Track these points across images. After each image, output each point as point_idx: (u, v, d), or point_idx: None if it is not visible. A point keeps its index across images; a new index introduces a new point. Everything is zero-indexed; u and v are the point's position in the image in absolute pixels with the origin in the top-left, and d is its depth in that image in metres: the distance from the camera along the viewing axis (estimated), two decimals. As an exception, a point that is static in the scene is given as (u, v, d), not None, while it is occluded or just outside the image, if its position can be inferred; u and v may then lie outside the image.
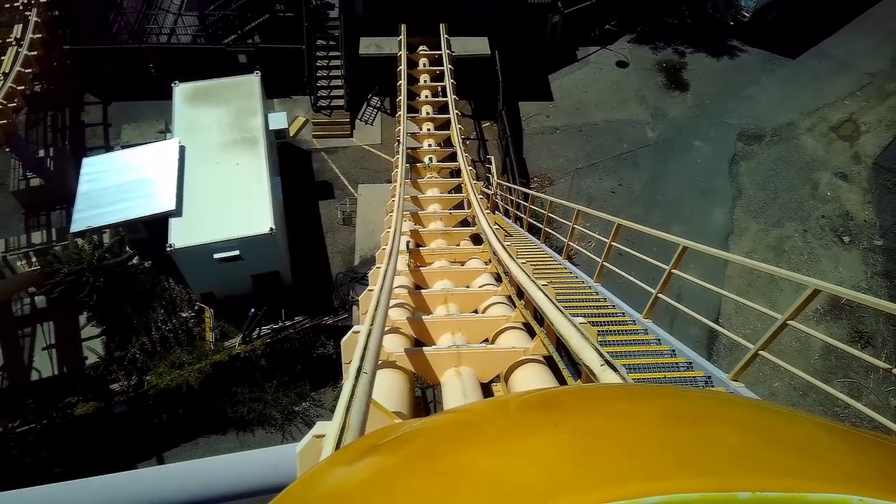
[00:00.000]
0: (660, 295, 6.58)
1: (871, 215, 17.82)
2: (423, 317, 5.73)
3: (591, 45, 22.23)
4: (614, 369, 2.77)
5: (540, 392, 1.11)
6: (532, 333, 5.19)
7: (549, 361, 4.92)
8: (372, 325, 3.47)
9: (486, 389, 5.35)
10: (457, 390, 4.44)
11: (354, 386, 2.64)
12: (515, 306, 5.88)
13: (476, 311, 6.56)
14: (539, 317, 4.91)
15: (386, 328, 4.81)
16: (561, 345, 4.48)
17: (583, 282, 8.40)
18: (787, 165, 18.99)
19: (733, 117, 20.27)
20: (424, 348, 4.82)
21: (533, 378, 4.53)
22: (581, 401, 1.03)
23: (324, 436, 2.27)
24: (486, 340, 5.65)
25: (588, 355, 3.01)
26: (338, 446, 2.17)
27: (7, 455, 11.72)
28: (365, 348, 3.04)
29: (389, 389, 4.31)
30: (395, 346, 5.11)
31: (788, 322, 4.67)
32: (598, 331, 5.69)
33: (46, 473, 12.13)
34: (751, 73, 21.56)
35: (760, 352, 5.03)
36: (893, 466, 0.74)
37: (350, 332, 3.89)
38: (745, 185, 18.61)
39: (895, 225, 17.27)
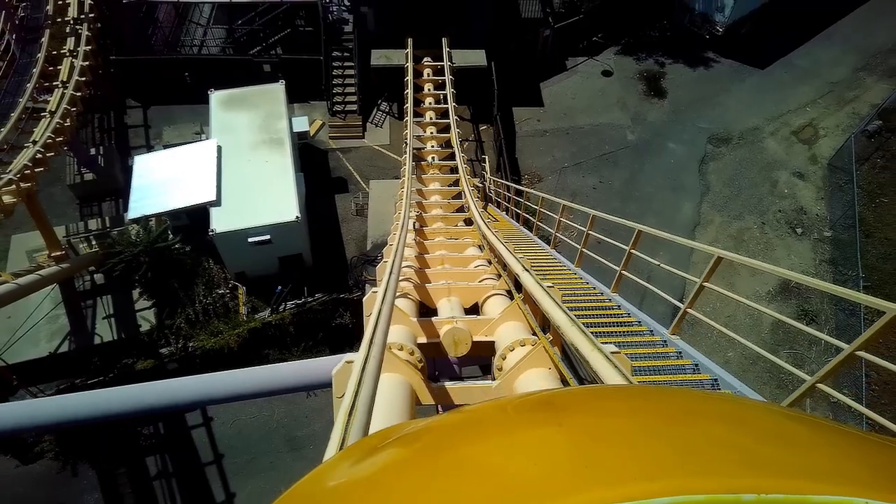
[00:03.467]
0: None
1: (822, 210, 20.15)
2: (426, 270, 8.12)
3: (580, 56, 24.57)
4: (528, 272, 5.13)
5: (545, 392, 1.15)
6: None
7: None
8: (394, 257, 5.85)
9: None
10: (447, 309, 6.81)
11: (388, 279, 5.00)
12: (491, 264, 8.26)
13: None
14: (506, 267, 7.25)
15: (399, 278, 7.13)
16: (517, 283, 6.83)
17: (546, 251, 10.85)
18: (750, 165, 21.32)
19: (705, 122, 22.60)
20: (426, 284, 7.21)
21: (497, 303, 6.89)
22: (586, 401, 1.06)
23: (376, 291, 4.61)
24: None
25: (515, 266, 5.39)
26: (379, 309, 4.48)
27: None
28: (391, 266, 5.41)
29: (404, 306, 6.68)
30: (406, 285, 7.50)
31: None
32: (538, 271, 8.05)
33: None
34: (723, 82, 23.88)
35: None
36: None
37: (381, 262, 6.28)
38: (713, 182, 20.95)
39: (843, 217, 19.57)
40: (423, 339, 5.97)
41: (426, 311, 7.33)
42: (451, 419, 1.11)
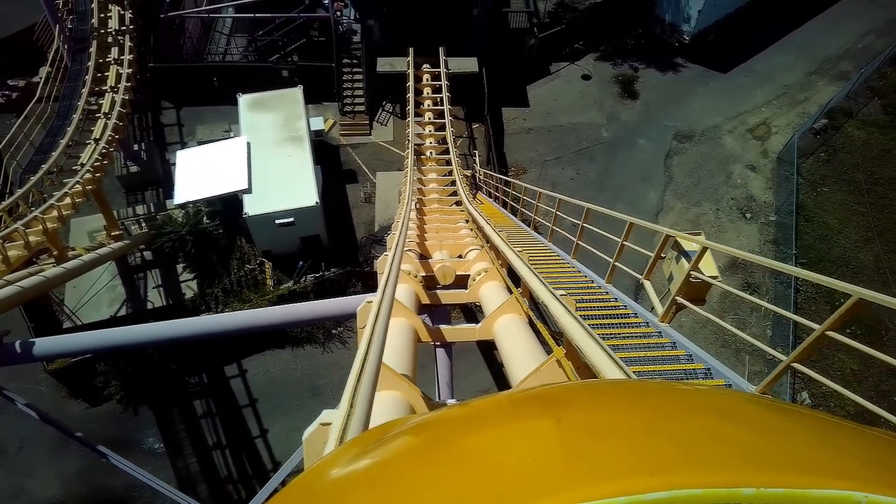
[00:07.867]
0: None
1: (769, 198, 23.18)
2: (425, 234, 11.15)
3: (562, 61, 27.49)
4: (488, 224, 8.14)
5: (544, 387, 1.16)
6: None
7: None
8: (404, 219, 8.86)
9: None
10: (439, 256, 9.84)
11: (400, 234, 8.01)
12: (473, 231, 11.30)
13: (454, 236, 11.95)
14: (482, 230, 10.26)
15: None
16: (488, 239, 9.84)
17: (522, 228, 13.89)
18: (709, 159, 24.33)
19: (671, 121, 25.57)
20: (425, 242, 10.26)
21: (474, 253, 9.90)
22: (584, 395, 1.08)
23: (394, 234, 7.61)
24: (456, 246, 11.03)
25: (484, 226, 8.40)
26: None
27: (144, 354, 17.28)
28: (402, 225, 8.42)
29: (410, 253, 9.70)
30: (410, 244, 10.52)
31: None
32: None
33: (165, 368, 17.80)
34: (689, 85, 26.83)
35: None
36: None
37: (394, 223, 9.29)
38: (676, 174, 23.96)
39: (786, 204, 22.59)
40: (423, 273, 9.01)
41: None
42: (450, 414, 1.15)
